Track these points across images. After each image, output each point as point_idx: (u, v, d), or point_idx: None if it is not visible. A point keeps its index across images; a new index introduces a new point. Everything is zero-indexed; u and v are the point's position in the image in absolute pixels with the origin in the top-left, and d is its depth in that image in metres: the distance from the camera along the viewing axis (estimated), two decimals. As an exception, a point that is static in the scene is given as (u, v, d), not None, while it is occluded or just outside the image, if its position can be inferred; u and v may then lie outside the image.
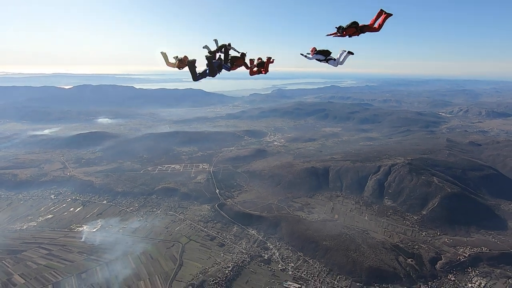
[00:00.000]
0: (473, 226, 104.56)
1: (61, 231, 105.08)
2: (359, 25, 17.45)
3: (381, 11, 16.85)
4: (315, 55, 19.08)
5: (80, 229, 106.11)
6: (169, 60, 19.91)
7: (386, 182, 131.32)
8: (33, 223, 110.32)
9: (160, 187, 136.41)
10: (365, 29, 17.64)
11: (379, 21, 17.19)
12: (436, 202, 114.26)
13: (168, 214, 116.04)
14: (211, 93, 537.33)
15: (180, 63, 19.56)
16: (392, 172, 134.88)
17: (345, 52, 18.53)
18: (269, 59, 21.11)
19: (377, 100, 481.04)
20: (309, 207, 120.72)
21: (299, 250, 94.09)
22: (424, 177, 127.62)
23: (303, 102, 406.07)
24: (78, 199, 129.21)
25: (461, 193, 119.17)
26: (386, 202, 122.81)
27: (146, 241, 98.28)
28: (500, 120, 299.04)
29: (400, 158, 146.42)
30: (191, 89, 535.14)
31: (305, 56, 19.36)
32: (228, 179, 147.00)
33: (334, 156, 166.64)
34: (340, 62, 19.02)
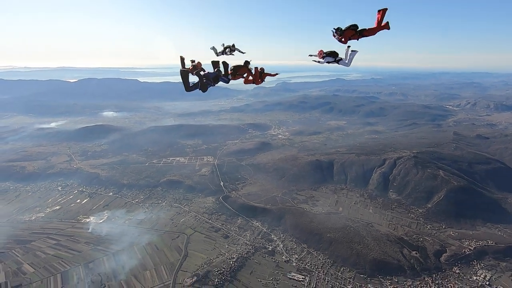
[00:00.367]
0: (479, 220, 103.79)
1: (69, 222, 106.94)
2: (359, 29, 16.98)
3: (379, 12, 16.54)
4: (326, 58, 18.52)
5: (87, 220, 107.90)
6: (185, 66, 19.37)
7: (391, 175, 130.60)
8: (41, 214, 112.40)
9: (165, 180, 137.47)
10: (365, 33, 17.14)
11: (378, 19, 16.77)
12: (442, 195, 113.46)
13: (173, 206, 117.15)
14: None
15: (194, 69, 19.21)
16: (398, 165, 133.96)
17: (351, 50, 18.07)
18: (271, 74, 21.32)
19: (383, 94, 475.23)
20: (313, 200, 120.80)
21: (303, 242, 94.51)
22: (430, 170, 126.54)
23: (308, 96, 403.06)
24: (85, 191, 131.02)
25: (467, 187, 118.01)
26: (391, 195, 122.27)
27: (152, 232, 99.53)
28: (509, 114, 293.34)
29: (406, 151, 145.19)
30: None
31: (318, 62, 18.75)
32: (233, 172, 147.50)
33: (339, 149, 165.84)
34: (350, 61, 18.61)
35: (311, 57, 19.09)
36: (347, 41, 17.41)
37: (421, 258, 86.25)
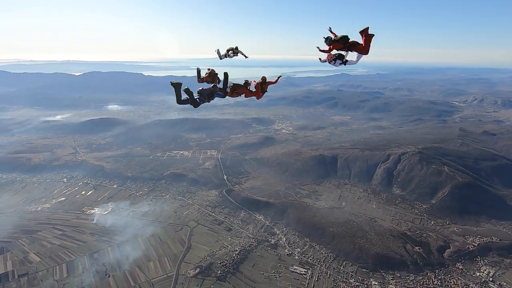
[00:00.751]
0: (484, 216, 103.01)
1: (74, 213, 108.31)
2: (349, 41, 16.59)
3: (363, 32, 16.23)
4: (336, 61, 17.99)
5: (92, 212, 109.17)
6: (201, 76, 19.50)
7: (395, 171, 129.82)
8: (47, 205, 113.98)
9: (169, 173, 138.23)
10: (353, 48, 16.78)
11: (363, 42, 16.48)
12: (446, 191, 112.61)
13: (177, 199, 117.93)
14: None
15: (209, 77, 19.10)
16: (402, 161, 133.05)
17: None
18: (272, 82, 20.87)
19: (388, 89, 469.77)
20: (317, 194, 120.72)
21: (306, 236, 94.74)
22: (435, 166, 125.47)
23: (313, 90, 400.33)
24: (90, 183, 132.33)
25: (473, 183, 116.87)
26: (395, 191, 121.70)
27: (155, 224, 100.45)
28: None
29: (411, 147, 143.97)
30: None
31: (332, 63, 18.37)
32: (236, 166, 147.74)
33: (343, 144, 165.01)
34: (356, 61, 18.23)
35: (320, 61, 18.70)
36: (332, 51, 17.20)
37: (424, 254, 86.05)
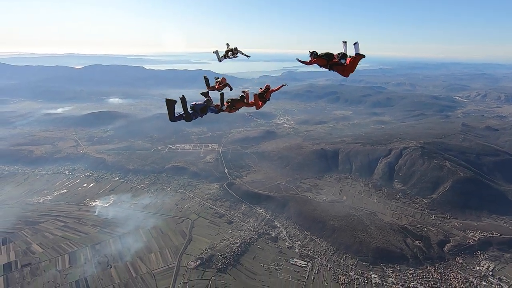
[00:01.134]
0: (485, 211, 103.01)
1: (76, 205, 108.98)
2: (332, 60, 16.25)
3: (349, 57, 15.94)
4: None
5: (94, 204, 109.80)
6: (210, 85, 19.89)
7: (397, 165, 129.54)
8: (49, 197, 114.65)
9: (170, 166, 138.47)
10: (335, 68, 16.44)
11: (347, 62, 16.09)
12: (448, 186, 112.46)
13: (178, 192, 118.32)
14: (221, 74, 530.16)
15: (219, 85, 19.30)
16: (404, 156, 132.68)
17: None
18: (275, 89, 20.18)
19: (391, 84, 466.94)
20: (318, 188, 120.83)
21: (306, 229, 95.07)
22: (437, 161, 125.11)
23: (314, 85, 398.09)
24: (91, 175, 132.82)
25: (474, 178, 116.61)
26: (396, 185, 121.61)
27: (157, 217, 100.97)
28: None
29: (412, 142, 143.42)
30: (201, 70, 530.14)
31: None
32: (237, 159, 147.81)
33: (344, 139, 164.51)
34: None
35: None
36: (313, 64, 16.77)
37: (424, 248, 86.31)
